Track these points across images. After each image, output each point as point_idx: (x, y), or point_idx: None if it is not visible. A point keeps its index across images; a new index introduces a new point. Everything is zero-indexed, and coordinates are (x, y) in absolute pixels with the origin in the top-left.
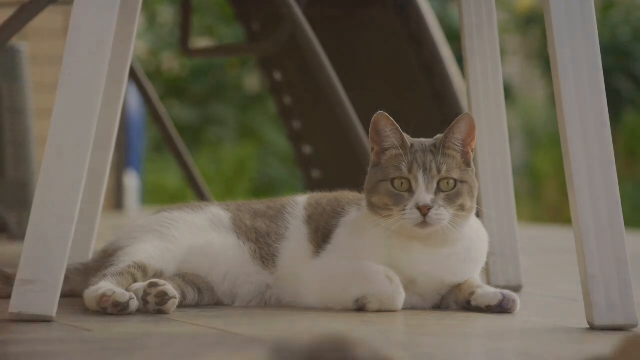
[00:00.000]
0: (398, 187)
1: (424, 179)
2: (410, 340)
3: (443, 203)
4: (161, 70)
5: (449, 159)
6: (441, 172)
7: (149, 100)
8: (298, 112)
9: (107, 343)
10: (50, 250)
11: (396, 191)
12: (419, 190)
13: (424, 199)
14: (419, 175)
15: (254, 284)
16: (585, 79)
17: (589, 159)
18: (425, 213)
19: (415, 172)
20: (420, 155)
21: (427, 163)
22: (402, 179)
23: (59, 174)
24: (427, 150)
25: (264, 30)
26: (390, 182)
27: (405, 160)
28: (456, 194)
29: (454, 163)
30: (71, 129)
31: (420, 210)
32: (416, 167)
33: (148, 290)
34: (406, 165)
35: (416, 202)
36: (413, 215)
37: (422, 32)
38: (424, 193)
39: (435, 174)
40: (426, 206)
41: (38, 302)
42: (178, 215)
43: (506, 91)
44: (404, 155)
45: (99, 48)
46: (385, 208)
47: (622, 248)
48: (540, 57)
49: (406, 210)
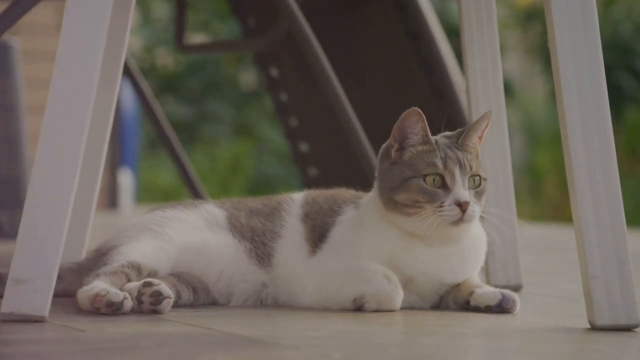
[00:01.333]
0: (431, 184)
1: (460, 174)
2: (408, 340)
3: (474, 200)
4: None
5: (472, 155)
6: (472, 168)
7: (143, 97)
8: (295, 109)
9: (100, 343)
10: (43, 249)
11: (430, 188)
12: (457, 186)
13: (464, 195)
14: (456, 171)
15: (249, 283)
16: (587, 75)
17: (590, 157)
18: (465, 209)
19: (451, 168)
20: (449, 151)
21: (460, 159)
22: (435, 175)
23: (51, 171)
24: (453, 147)
25: (260, 26)
26: (422, 178)
27: (438, 156)
28: (482, 191)
29: (477, 160)
30: (64, 126)
31: (461, 206)
32: (451, 163)
33: (142, 290)
34: (441, 161)
35: (456, 199)
36: (452, 212)
37: (421, 27)
38: (462, 189)
39: (468, 170)
40: (467, 202)
41: (30, 301)
42: (172, 213)
43: (506, 87)
44: (435, 150)
45: (93, 44)
46: (414, 206)
47: (623, 247)
48: (540, 53)
49: (444, 207)
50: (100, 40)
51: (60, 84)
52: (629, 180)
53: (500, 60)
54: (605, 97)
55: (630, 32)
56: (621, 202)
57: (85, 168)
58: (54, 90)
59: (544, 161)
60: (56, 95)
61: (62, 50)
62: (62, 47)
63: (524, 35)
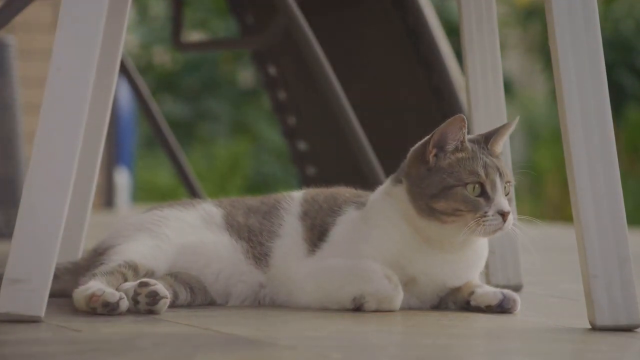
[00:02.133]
0: (471, 192)
1: (500, 183)
2: (408, 340)
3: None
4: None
5: (502, 162)
6: (507, 176)
7: (140, 95)
8: (293, 108)
9: (96, 344)
10: (39, 249)
11: (472, 197)
12: (498, 195)
13: (506, 205)
14: (497, 180)
15: (247, 284)
16: (587, 73)
17: (590, 155)
18: (506, 219)
19: (492, 177)
20: (486, 159)
21: (500, 168)
22: (477, 183)
23: (47, 170)
24: (486, 153)
25: (258, 24)
26: (464, 187)
27: (479, 164)
28: (511, 198)
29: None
30: (60, 124)
31: (504, 216)
32: (492, 171)
33: (138, 290)
34: (483, 169)
35: (499, 208)
36: (495, 221)
37: (420, 25)
38: (503, 198)
39: (505, 178)
40: (509, 212)
41: (26, 301)
42: (170, 213)
43: (506, 86)
44: (475, 158)
45: (89, 42)
46: (454, 214)
47: (624, 246)
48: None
49: (488, 217)
50: (96, 38)
51: (57, 83)
52: (630, 179)
53: (500, 58)
54: (606, 95)
55: (631, 29)
56: (622, 201)
57: (82, 167)
58: (50, 89)
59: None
60: (52, 94)
61: (58, 49)
62: (58, 45)
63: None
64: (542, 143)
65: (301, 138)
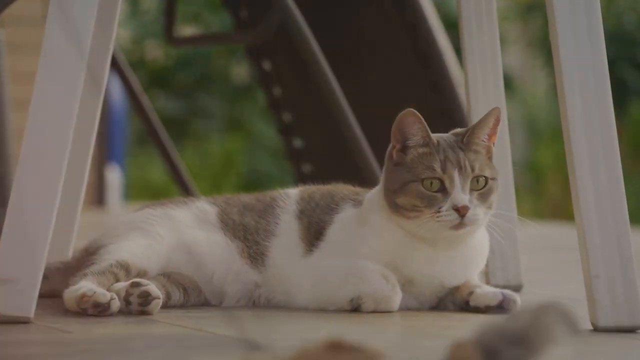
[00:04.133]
0: (428, 188)
1: (459, 178)
2: (407, 342)
3: (477, 202)
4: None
5: (478, 155)
6: (474, 170)
7: (132, 91)
8: (288, 104)
9: (87, 345)
10: (28, 248)
11: (428, 192)
12: (455, 190)
13: (462, 200)
14: (455, 175)
15: (242, 283)
16: (589, 68)
17: (592, 153)
18: (463, 214)
19: (450, 172)
20: (450, 153)
21: (460, 161)
22: (434, 179)
23: (37, 168)
24: (456, 147)
25: (253, 18)
26: (420, 183)
27: (437, 159)
28: (488, 192)
29: (483, 160)
30: (50, 121)
31: (459, 211)
32: (450, 166)
33: (130, 290)
34: (439, 164)
35: (454, 203)
36: (450, 217)
37: (418, 19)
38: (461, 193)
39: (469, 172)
40: (465, 207)
41: (15, 302)
42: (162, 211)
43: (506, 82)
44: (434, 153)
45: (79, 36)
46: (413, 210)
47: (627, 246)
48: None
49: (442, 212)
50: (87, 33)
51: (46, 78)
52: (633, 177)
53: (500, 53)
54: (608, 91)
55: (635, 23)
56: (624, 200)
57: (72, 164)
58: (40, 84)
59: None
60: (42, 89)
61: (48, 43)
62: (48, 39)
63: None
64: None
65: (297, 135)
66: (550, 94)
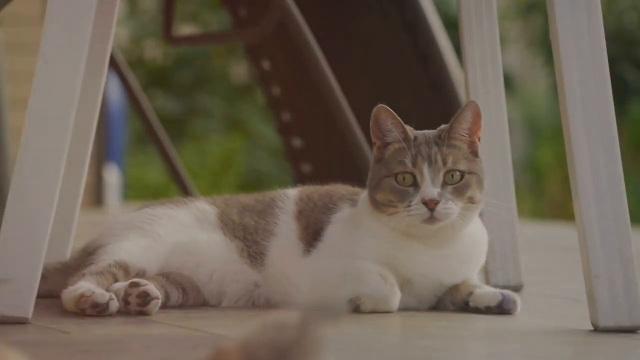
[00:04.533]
0: (401, 182)
1: (429, 172)
2: (405, 342)
3: (451, 196)
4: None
5: (455, 149)
6: (447, 164)
7: (131, 90)
8: (287, 103)
9: (86, 346)
10: (26, 248)
11: (400, 187)
12: (425, 184)
13: (430, 193)
14: (424, 169)
15: (241, 283)
16: (590, 67)
17: (592, 152)
18: (432, 207)
19: (420, 166)
20: (424, 147)
21: (432, 155)
22: (405, 173)
23: (35, 168)
24: (432, 142)
25: (251, 17)
26: (393, 178)
27: (409, 154)
28: (464, 186)
29: (460, 154)
30: (48, 120)
31: (427, 204)
32: (420, 160)
33: (129, 291)
34: (410, 158)
35: (422, 197)
36: (419, 211)
37: (418, 18)
38: (429, 187)
39: (440, 166)
40: (433, 200)
41: (13, 302)
42: (161, 211)
43: (506, 81)
44: (408, 148)
45: (78, 35)
46: (389, 205)
47: (627, 245)
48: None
49: (412, 206)
50: (85, 32)
51: (44, 77)
52: (633, 176)
53: (500, 52)
54: (608, 90)
55: (635, 22)
56: (625, 199)
57: (70, 164)
58: (38, 84)
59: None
60: (40, 89)
61: (46, 42)
62: (46, 38)
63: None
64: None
65: (296, 134)
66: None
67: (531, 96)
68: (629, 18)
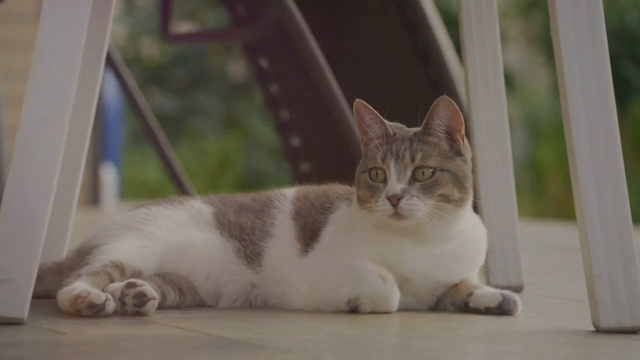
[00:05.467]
0: (374, 178)
1: (395, 167)
2: (404, 343)
3: (417, 193)
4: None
5: (428, 146)
6: (415, 160)
7: (127, 88)
8: (286, 102)
9: (82, 347)
10: (22, 248)
11: (373, 182)
12: (391, 179)
13: (393, 189)
14: (391, 164)
15: (238, 284)
16: (591, 66)
17: (594, 151)
18: (394, 203)
19: (388, 161)
20: (398, 143)
21: (400, 151)
22: (377, 169)
23: (30, 167)
24: (407, 139)
25: (250, 15)
26: (368, 174)
27: (381, 150)
28: (433, 183)
29: (434, 150)
30: (44, 119)
31: (390, 200)
32: (389, 156)
33: (125, 291)
34: (381, 155)
35: (386, 192)
36: (384, 207)
37: (418, 16)
38: (394, 182)
39: (408, 162)
40: (395, 196)
41: (8, 303)
42: (157, 211)
43: (507, 79)
44: (383, 144)
45: (74, 33)
46: (366, 201)
47: (629, 245)
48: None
49: (379, 202)
50: (81, 29)
51: (40, 75)
52: (636, 176)
53: (500, 50)
54: (610, 89)
55: (637, 21)
56: (627, 199)
57: (66, 163)
58: (33, 82)
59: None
60: (35, 87)
61: (42, 40)
62: (41, 36)
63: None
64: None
65: (294, 133)
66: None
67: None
68: (630, 15)
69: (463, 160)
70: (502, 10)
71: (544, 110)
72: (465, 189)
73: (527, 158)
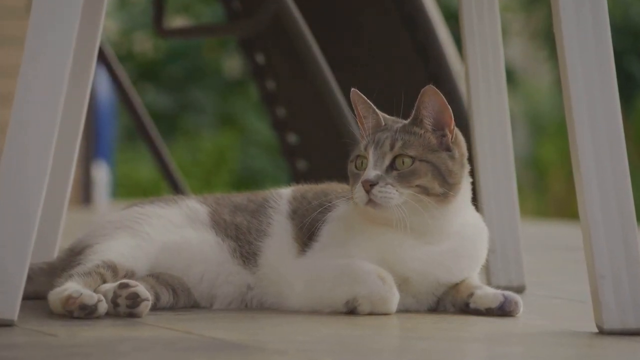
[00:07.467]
0: (358, 167)
1: (373, 154)
2: (404, 344)
3: (392, 181)
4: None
5: (412, 136)
6: (394, 148)
7: (120, 85)
8: (282, 98)
9: (73, 349)
10: (12, 249)
11: (356, 171)
12: (368, 167)
13: (366, 175)
14: (370, 152)
15: (233, 285)
16: (594, 61)
17: (597, 149)
18: (367, 189)
19: (369, 149)
20: (382, 133)
21: (381, 139)
22: (361, 157)
23: (21, 165)
24: (393, 129)
25: (246, 9)
26: (354, 162)
27: (366, 139)
28: (411, 173)
29: (417, 141)
30: (34, 116)
31: (363, 186)
32: (370, 144)
33: (118, 292)
34: (364, 143)
35: (361, 179)
36: (359, 193)
37: (417, 11)
38: (370, 169)
39: (387, 150)
40: (367, 182)
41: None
42: (151, 210)
43: (508, 75)
44: (370, 134)
45: (65, 28)
46: (351, 190)
47: (633, 245)
48: (545, 38)
49: (356, 189)
50: (73, 25)
51: (30, 71)
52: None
53: (501, 45)
54: (614, 85)
55: None
56: (631, 197)
57: (57, 161)
58: (24, 78)
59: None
60: (26, 84)
61: (32, 35)
62: (32, 31)
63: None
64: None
65: (291, 130)
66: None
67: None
68: (635, 10)
69: (451, 155)
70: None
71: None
72: (448, 184)
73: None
